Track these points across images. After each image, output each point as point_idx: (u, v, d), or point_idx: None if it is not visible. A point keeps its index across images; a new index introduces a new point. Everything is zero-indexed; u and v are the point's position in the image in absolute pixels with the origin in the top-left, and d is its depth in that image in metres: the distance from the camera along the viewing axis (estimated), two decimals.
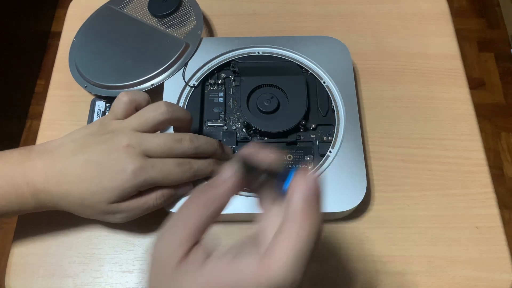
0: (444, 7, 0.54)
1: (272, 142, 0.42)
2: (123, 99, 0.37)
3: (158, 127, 0.37)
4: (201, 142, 0.38)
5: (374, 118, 0.46)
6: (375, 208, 0.42)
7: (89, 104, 0.46)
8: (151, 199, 0.37)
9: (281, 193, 0.24)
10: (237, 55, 0.47)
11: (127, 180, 0.34)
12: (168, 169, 0.36)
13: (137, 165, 0.34)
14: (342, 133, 0.42)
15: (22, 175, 0.35)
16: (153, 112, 0.37)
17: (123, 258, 0.39)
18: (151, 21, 0.49)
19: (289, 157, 0.40)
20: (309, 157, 0.41)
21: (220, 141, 0.40)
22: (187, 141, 0.37)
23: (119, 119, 0.37)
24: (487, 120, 1.29)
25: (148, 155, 0.36)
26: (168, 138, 0.36)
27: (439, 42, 0.51)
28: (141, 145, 0.35)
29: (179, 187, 0.38)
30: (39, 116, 0.47)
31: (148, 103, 0.38)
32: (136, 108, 0.38)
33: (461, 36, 1.40)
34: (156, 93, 0.44)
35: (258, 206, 0.27)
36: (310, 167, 0.41)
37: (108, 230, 0.40)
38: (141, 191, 0.36)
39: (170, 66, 0.45)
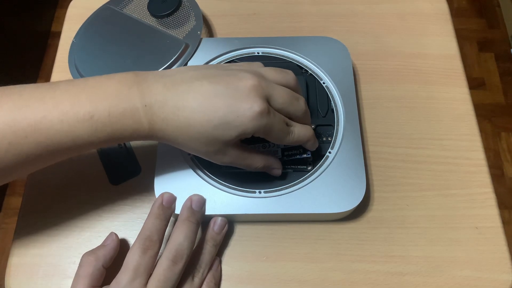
0: (444, 7, 0.54)
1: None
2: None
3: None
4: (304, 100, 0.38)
5: (374, 118, 0.46)
6: (375, 208, 0.42)
7: None
8: (257, 160, 0.37)
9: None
10: (237, 56, 0.47)
11: (252, 119, 0.33)
12: (282, 124, 0.35)
13: (265, 107, 0.33)
14: (341, 133, 0.42)
15: (140, 97, 0.32)
16: (288, 74, 0.38)
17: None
18: (151, 21, 0.49)
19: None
20: (309, 158, 0.41)
21: None
22: (303, 101, 0.37)
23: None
24: (487, 120, 1.29)
25: (271, 105, 0.35)
26: (289, 92, 0.36)
27: (438, 42, 0.51)
28: (268, 88, 0.34)
29: (277, 165, 0.39)
30: None
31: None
32: None
33: (461, 36, 1.41)
34: None
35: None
36: (309, 168, 0.41)
37: (109, 231, 0.40)
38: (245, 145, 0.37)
39: (169, 67, 0.45)
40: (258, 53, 0.47)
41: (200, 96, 0.33)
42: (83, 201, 0.42)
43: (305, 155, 0.40)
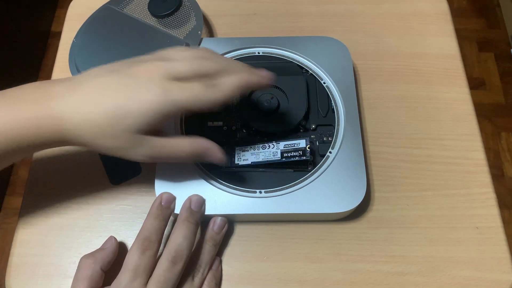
0: (444, 7, 0.54)
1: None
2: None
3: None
4: (225, 58, 0.37)
5: (374, 118, 0.46)
6: (375, 208, 0.42)
7: None
8: (182, 145, 0.35)
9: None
10: (237, 56, 0.47)
11: (154, 101, 0.32)
12: (198, 90, 0.34)
13: (165, 86, 0.33)
14: (342, 133, 0.42)
15: (40, 100, 0.32)
16: (199, 49, 0.37)
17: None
18: (151, 21, 0.49)
19: None
20: (308, 160, 0.41)
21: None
22: (216, 55, 0.37)
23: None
24: (487, 120, 1.29)
25: (177, 79, 0.34)
26: (193, 58, 0.35)
27: (439, 42, 0.51)
28: (167, 67, 0.34)
29: (212, 146, 0.36)
30: None
31: None
32: None
33: (461, 36, 1.41)
34: None
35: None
36: (309, 168, 0.41)
37: (109, 231, 0.40)
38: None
39: None
40: (258, 53, 0.47)
41: (95, 90, 0.33)
42: (83, 201, 0.42)
43: (304, 158, 0.40)
